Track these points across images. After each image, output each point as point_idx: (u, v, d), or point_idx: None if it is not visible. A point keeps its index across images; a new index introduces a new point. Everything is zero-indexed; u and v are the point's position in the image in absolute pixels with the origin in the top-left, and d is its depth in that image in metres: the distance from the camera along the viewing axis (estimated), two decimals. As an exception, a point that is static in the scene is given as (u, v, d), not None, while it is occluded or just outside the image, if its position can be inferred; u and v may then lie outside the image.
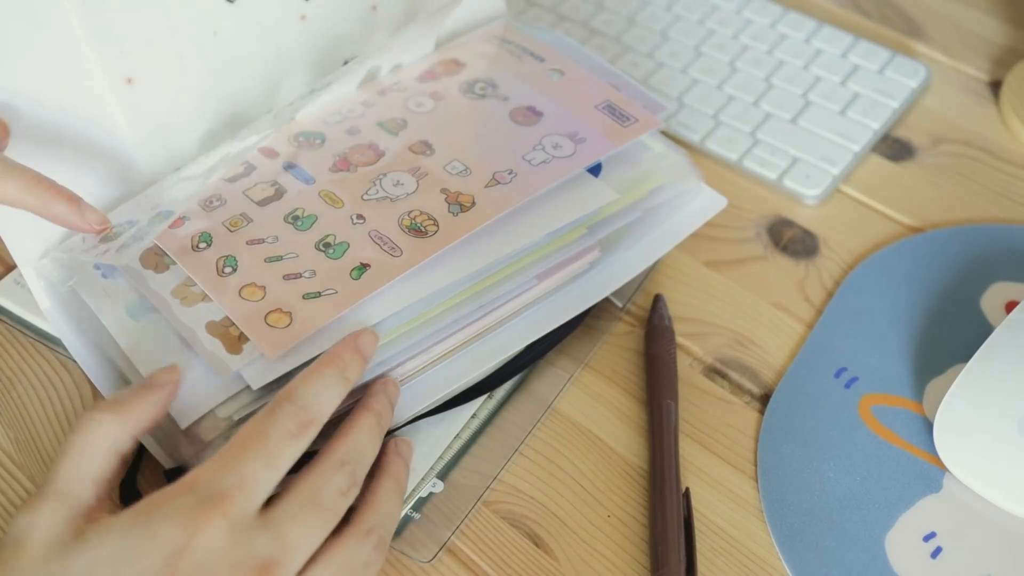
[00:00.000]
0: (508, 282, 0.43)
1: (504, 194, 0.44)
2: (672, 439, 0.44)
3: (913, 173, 0.56)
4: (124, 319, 0.43)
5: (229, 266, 0.42)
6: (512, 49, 0.52)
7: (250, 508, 0.33)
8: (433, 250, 0.42)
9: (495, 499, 0.44)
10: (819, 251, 0.53)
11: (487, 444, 0.45)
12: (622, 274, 0.47)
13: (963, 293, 0.50)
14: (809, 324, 0.50)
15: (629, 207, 0.46)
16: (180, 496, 0.32)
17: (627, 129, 0.47)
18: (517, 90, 0.50)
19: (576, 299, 0.46)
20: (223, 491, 0.32)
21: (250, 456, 0.33)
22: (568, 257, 0.45)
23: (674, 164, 0.48)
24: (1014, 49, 0.63)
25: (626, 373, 0.48)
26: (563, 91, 0.49)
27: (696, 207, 0.49)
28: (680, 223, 0.49)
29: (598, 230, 0.46)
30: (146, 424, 0.36)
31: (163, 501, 0.32)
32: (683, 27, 0.63)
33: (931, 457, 0.44)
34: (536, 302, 0.45)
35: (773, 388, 0.47)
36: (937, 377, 0.47)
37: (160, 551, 0.31)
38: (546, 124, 0.48)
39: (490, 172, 0.45)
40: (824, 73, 0.60)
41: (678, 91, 0.59)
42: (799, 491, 0.43)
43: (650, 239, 0.48)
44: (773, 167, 0.56)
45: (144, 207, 0.46)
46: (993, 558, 0.41)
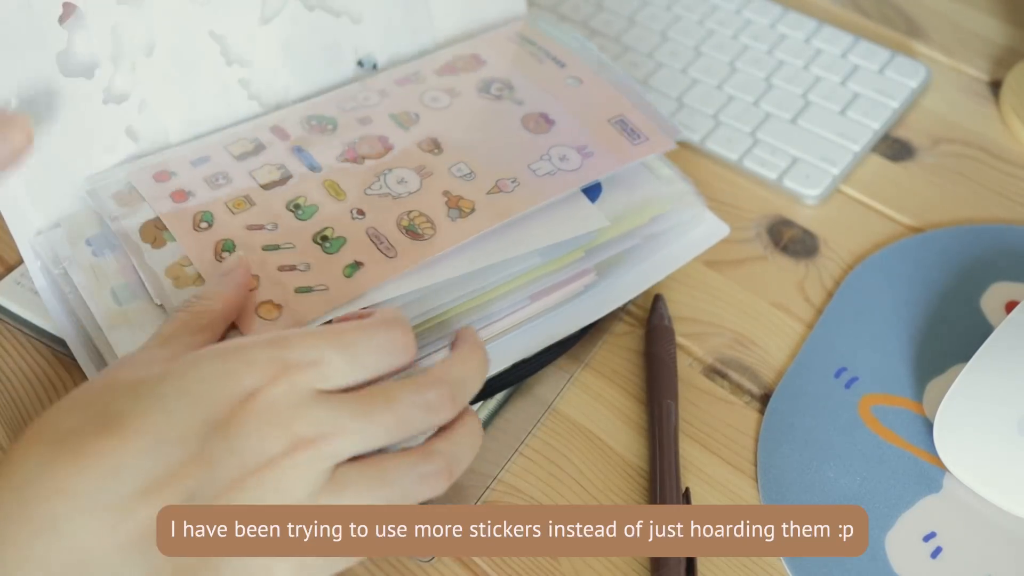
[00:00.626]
0: (502, 300, 0.44)
1: (504, 203, 0.44)
2: (672, 439, 0.44)
3: (913, 173, 0.56)
4: (109, 303, 0.43)
5: (227, 250, 0.42)
6: (535, 51, 0.52)
7: (315, 385, 0.34)
8: (426, 255, 0.42)
9: (495, 499, 0.44)
10: (819, 251, 0.53)
11: (487, 444, 0.45)
12: (617, 298, 0.46)
13: (963, 293, 0.50)
14: (809, 324, 0.50)
15: (627, 233, 0.46)
16: (267, 349, 0.34)
17: (636, 147, 0.47)
18: (533, 95, 0.49)
19: (569, 320, 0.46)
20: (303, 362, 0.34)
21: (336, 345, 0.35)
22: (564, 279, 0.45)
23: (678, 192, 0.48)
24: (1014, 49, 0.63)
25: (626, 373, 0.48)
26: (578, 100, 0.49)
27: (698, 235, 0.49)
28: (680, 250, 0.48)
29: (595, 254, 0.45)
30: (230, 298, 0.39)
31: (248, 346, 0.34)
32: (683, 27, 0.63)
33: (931, 457, 0.44)
34: (528, 321, 0.45)
35: (773, 388, 0.47)
36: (937, 377, 0.47)
37: (233, 388, 0.33)
38: (556, 134, 0.47)
39: (494, 178, 0.45)
40: (824, 73, 0.60)
41: (678, 91, 0.59)
42: (799, 491, 0.43)
43: (648, 265, 0.48)
44: (773, 167, 0.56)
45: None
46: (993, 558, 0.41)
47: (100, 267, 0.44)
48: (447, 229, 0.43)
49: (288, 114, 0.48)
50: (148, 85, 0.47)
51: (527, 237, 0.44)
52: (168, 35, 0.47)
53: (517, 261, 0.43)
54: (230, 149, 0.47)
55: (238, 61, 0.49)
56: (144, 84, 0.47)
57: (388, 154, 0.46)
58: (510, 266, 0.43)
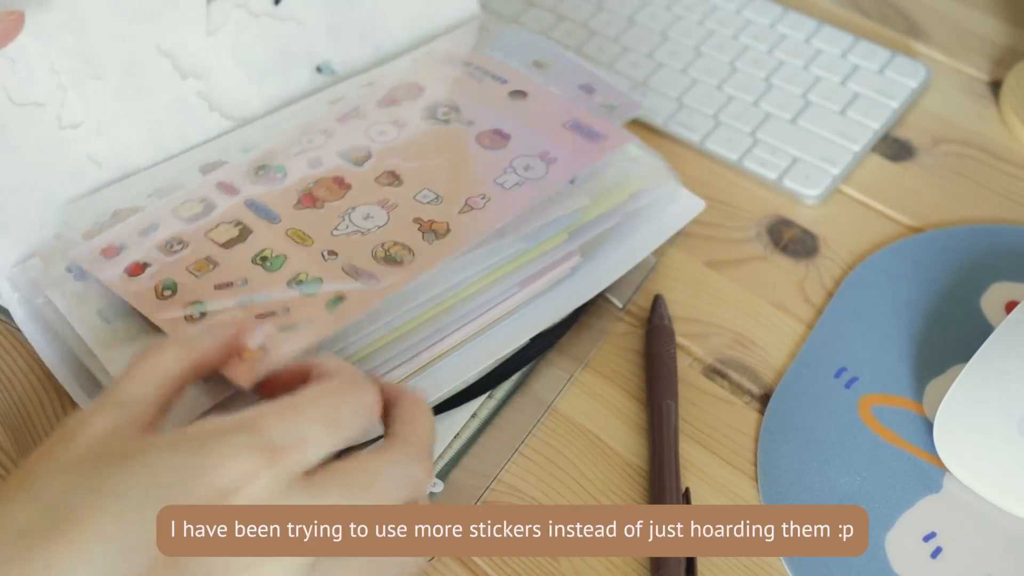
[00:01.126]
0: (490, 290, 0.44)
1: (479, 218, 0.44)
2: (672, 439, 0.44)
3: (913, 173, 0.56)
4: (95, 322, 0.42)
5: (198, 311, 0.41)
6: (472, 71, 0.52)
7: (300, 468, 0.32)
8: (411, 275, 0.42)
9: (495, 499, 0.44)
10: (819, 251, 0.53)
11: (487, 444, 0.45)
12: (604, 278, 0.47)
13: (963, 293, 0.50)
14: (809, 324, 0.50)
15: (608, 212, 0.47)
16: (241, 434, 0.31)
17: (596, 146, 0.47)
18: (481, 113, 0.49)
19: (560, 303, 0.46)
20: (284, 445, 0.31)
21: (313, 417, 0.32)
22: (549, 263, 0.45)
23: (651, 168, 0.48)
24: (1014, 49, 0.63)
25: (626, 373, 0.48)
26: (528, 112, 0.49)
27: (675, 210, 0.49)
28: (660, 227, 0.49)
29: (578, 236, 0.46)
30: (211, 357, 0.35)
31: (222, 432, 0.31)
32: (683, 27, 0.63)
33: (931, 457, 0.44)
34: (519, 308, 0.45)
35: (773, 388, 0.47)
36: (937, 377, 0.47)
37: (214, 483, 0.30)
38: (515, 146, 0.47)
39: (462, 198, 0.45)
40: (824, 73, 0.60)
41: (678, 91, 0.59)
42: (799, 491, 0.43)
43: (630, 243, 0.48)
44: (773, 167, 0.56)
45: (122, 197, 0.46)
46: (993, 558, 0.41)
47: (83, 291, 0.43)
48: (427, 251, 0.43)
49: (231, 169, 0.47)
50: (102, 108, 0.46)
51: (510, 226, 0.44)
52: (115, 55, 0.46)
53: (502, 248, 0.44)
54: (178, 213, 0.45)
55: (193, 74, 0.48)
56: (98, 107, 0.46)
57: (347, 193, 0.45)
58: (496, 253, 0.44)
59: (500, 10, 0.64)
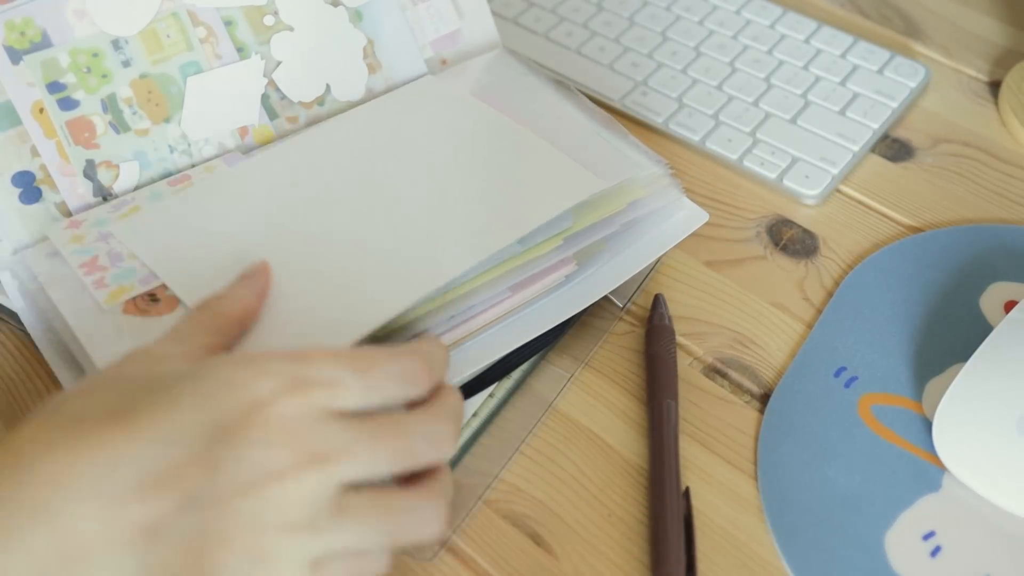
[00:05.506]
0: (480, 292, 0.43)
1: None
2: (672, 438, 0.44)
3: (913, 173, 0.57)
4: (91, 312, 0.42)
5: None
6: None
7: (334, 405, 0.34)
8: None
9: (496, 498, 0.44)
10: (819, 251, 0.53)
11: (487, 443, 0.45)
12: (600, 288, 0.46)
13: (962, 293, 0.50)
14: (809, 324, 0.50)
15: (606, 220, 0.46)
16: (285, 363, 0.34)
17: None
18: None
19: (553, 312, 0.45)
20: (320, 380, 0.34)
21: (355, 368, 0.35)
22: (542, 269, 0.44)
23: (652, 176, 0.47)
24: (1014, 49, 0.63)
25: (626, 373, 0.48)
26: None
27: (677, 221, 0.48)
28: (660, 237, 0.48)
29: (573, 242, 0.45)
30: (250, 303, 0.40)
31: (270, 358, 0.34)
32: (683, 27, 0.63)
33: (930, 456, 0.44)
34: (511, 314, 0.45)
35: (773, 388, 0.47)
36: (936, 377, 0.47)
37: (246, 396, 0.33)
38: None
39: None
40: (823, 73, 0.60)
41: (678, 91, 0.60)
42: (799, 490, 0.43)
43: (628, 253, 0.47)
44: (773, 167, 0.56)
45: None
46: (993, 557, 0.41)
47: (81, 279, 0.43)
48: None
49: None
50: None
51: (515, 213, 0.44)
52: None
53: (494, 250, 0.43)
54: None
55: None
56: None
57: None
58: (484, 252, 0.43)
59: (500, 11, 0.65)
